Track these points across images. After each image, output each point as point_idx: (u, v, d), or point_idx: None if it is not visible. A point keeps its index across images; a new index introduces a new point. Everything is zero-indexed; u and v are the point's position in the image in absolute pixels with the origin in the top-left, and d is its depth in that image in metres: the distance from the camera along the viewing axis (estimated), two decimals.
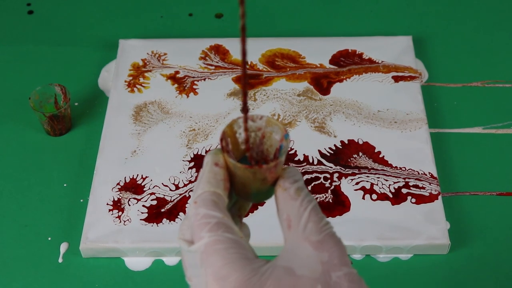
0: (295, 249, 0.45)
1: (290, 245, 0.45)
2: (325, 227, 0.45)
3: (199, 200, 0.46)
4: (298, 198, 0.46)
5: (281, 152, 0.48)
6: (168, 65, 1.02)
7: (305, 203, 0.46)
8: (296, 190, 0.46)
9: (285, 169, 0.48)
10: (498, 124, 0.96)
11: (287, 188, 0.47)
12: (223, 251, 0.43)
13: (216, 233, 0.44)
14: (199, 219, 0.45)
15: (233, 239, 0.44)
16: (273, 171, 0.47)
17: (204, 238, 0.44)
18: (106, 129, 0.94)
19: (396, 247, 0.82)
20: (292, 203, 0.46)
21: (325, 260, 0.44)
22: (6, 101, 1.01)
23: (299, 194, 0.46)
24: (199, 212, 0.45)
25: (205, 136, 0.93)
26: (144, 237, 0.83)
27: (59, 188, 0.91)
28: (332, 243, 0.44)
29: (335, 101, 0.97)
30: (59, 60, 1.06)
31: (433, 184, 0.87)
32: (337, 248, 0.44)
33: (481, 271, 0.82)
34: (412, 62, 1.01)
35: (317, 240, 0.44)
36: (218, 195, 0.46)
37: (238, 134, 0.48)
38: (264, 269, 0.43)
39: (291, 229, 0.45)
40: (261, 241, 0.81)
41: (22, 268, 0.83)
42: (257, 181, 0.47)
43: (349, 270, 0.44)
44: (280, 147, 0.48)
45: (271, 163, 0.46)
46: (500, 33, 1.08)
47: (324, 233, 0.45)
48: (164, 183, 0.89)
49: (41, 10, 1.15)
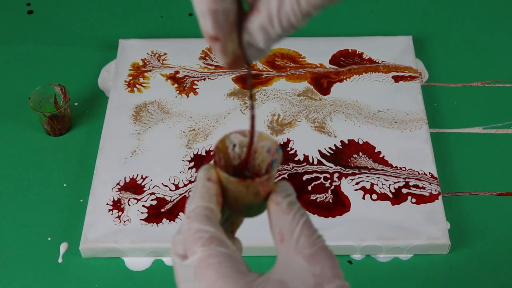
0: (288, 262, 0.45)
1: (283, 258, 0.46)
2: (317, 240, 0.45)
3: (192, 215, 0.46)
4: (290, 212, 0.46)
5: (273, 166, 0.48)
6: (168, 65, 1.02)
7: (297, 217, 0.46)
8: (289, 204, 0.47)
9: (277, 183, 0.48)
10: (498, 124, 0.96)
11: (280, 203, 0.47)
12: (216, 265, 0.43)
13: (209, 247, 0.44)
14: (192, 234, 0.45)
15: (227, 253, 0.44)
16: (266, 185, 0.47)
17: (198, 252, 0.44)
18: (106, 129, 0.94)
19: (396, 247, 0.82)
20: (285, 217, 0.46)
21: (317, 273, 0.44)
22: (6, 101, 1.01)
23: (291, 208, 0.46)
24: (192, 227, 0.45)
25: (205, 136, 0.93)
26: (144, 237, 0.83)
27: (59, 188, 0.91)
28: (324, 256, 0.45)
29: (335, 101, 0.97)
30: (59, 60, 1.06)
31: (433, 184, 0.87)
32: (329, 261, 0.45)
33: (481, 271, 0.82)
34: (412, 62, 1.01)
35: (309, 254, 0.45)
36: (211, 210, 0.46)
37: (230, 150, 0.49)
38: (257, 283, 0.44)
39: (283, 243, 0.46)
40: (261, 241, 0.81)
41: (22, 268, 0.83)
42: (250, 195, 0.47)
43: (342, 282, 0.44)
44: (272, 161, 0.48)
45: (264, 176, 0.46)
46: (500, 33, 1.08)
47: (316, 247, 0.45)
48: (164, 183, 0.88)
49: (41, 10, 1.15)
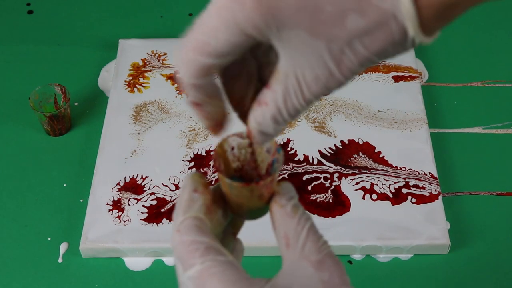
0: (295, 268, 0.45)
1: (289, 264, 0.45)
2: (324, 246, 0.45)
3: (182, 227, 0.44)
4: (295, 216, 0.46)
5: (274, 167, 0.47)
6: (168, 65, 1.02)
7: (302, 221, 0.46)
8: (293, 207, 0.46)
9: (280, 184, 0.48)
10: (498, 124, 0.96)
11: (284, 205, 0.46)
12: (220, 274, 0.42)
13: (208, 257, 0.43)
14: (187, 247, 0.44)
15: (227, 261, 0.43)
16: (269, 186, 0.46)
17: (197, 264, 0.43)
18: (106, 129, 0.94)
19: (396, 247, 0.82)
20: (290, 220, 0.46)
21: (325, 280, 0.44)
22: (6, 101, 1.01)
23: (296, 212, 0.46)
24: (185, 240, 0.44)
25: (205, 136, 0.93)
26: (144, 237, 0.83)
27: (59, 188, 0.91)
28: (331, 262, 0.44)
29: (335, 101, 0.97)
30: (59, 60, 1.06)
31: (433, 184, 0.87)
32: (337, 268, 0.44)
33: (481, 271, 0.82)
34: (412, 62, 1.01)
35: (317, 260, 0.44)
36: (201, 220, 0.45)
37: (229, 153, 0.48)
38: None
39: (289, 248, 0.45)
40: (261, 241, 0.81)
41: (22, 268, 0.83)
42: (254, 198, 0.46)
43: None
44: (273, 161, 0.48)
45: (268, 178, 0.46)
46: (500, 33, 1.08)
47: (323, 253, 0.45)
48: (164, 183, 0.88)
49: (41, 10, 1.15)
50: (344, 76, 0.38)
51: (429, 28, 0.36)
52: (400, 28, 0.36)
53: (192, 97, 0.42)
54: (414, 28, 0.35)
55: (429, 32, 0.36)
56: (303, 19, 0.36)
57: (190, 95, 0.42)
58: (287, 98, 0.40)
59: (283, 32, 0.37)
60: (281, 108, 0.41)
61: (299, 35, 0.37)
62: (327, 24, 0.36)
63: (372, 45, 0.37)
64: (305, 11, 0.36)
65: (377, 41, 0.36)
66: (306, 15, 0.36)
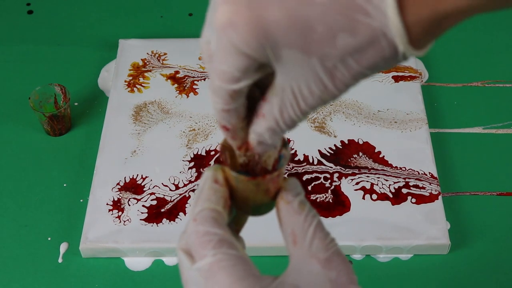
0: (302, 266, 0.45)
1: (297, 261, 0.45)
2: (331, 244, 0.45)
3: (198, 217, 0.45)
4: (302, 213, 0.46)
5: (281, 162, 0.47)
6: (168, 65, 1.02)
7: (309, 218, 0.46)
8: (300, 203, 0.46)
9: (287, 180, 0.48)
10: (498, 124, 0.96)
11: (290, 201, 0.46)
12: (230, 269, 0.42)
13: (220, 250, 0.43)
14: (200, 237, 0.44)
15: (239, 256, 0.43)
16: (276, 181, 0.46)
17: (208, 256, 0.43)
18: (106, 129, 0.94)
19: (396, 247, 0.82)
20: (297, 217, 0.46)
21: (333, 278, 0.44)
22: (6, 101, 1.01)
23: (303, 209, 0.46)
24: (199, 230, 0.44)
25: (205, 136, 0.93)
26: (144, 237, 0.83)
27: (59, 188, 0.91)
28: (339, 261, 0.45)
29: (335, 101, 0.97)
30: (59, 60, 1.06)
31: (433, 184, 0.87)
32: (344, 266, 0.44)
33: (481, 271, 0.82)
34: (412, 62, 1.01)
35: (324, 258, 0.44)
36: (218, 212, 0.45)
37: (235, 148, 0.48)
38: (272, 287, 0.43)
39: (296, 245, 0.45)
40: (261, 241, 0.81)
41: (22, 268, 0.83)
42: (260, 192, 0.46)
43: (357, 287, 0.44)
44: (280, 156, 0.48)
45: (274, 172, 0.46)
46: (500, 33, 1.08)
47: (331, 251, 0.45)
48: (164, 183, 0.88)
49: (41, 10, 1.15)
50: (338, 89, 0.39)
51: (419, 43, 0.37)
52: (390, 45, 0.36)
53: (224, 121, 0.43)
54: (404, 44, 0.36)
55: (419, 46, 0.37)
56: (295, 38, 0.37)
57: (222, 121, 0.43)
58: (283, 110, 0.41)
59: (277, 50, 0.38)
60: (278, 119, 0.42)
61: (293, 53, 0.38)
62: (319, 43, 0.37)
63: (364, 61, 0.37)
64: (296, 31, 0.37)
65: (369, 57, 0.37)
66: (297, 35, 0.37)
